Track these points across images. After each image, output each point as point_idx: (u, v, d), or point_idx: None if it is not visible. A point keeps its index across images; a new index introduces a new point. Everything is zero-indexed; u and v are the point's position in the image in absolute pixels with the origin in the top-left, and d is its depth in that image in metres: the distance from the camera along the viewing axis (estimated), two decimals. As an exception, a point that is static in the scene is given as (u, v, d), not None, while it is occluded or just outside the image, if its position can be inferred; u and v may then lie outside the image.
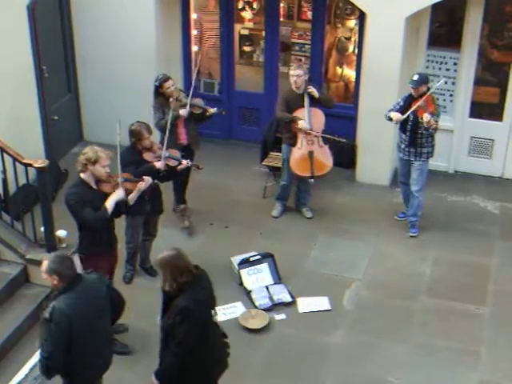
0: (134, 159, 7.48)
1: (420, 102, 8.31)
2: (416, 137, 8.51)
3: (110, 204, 6.57)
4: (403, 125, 8.57)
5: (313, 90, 8.68)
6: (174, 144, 8.47)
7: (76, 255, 6.80)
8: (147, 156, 7.66)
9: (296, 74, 8.64)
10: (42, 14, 9.49)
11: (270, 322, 7.61)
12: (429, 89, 8.52)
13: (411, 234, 8.91)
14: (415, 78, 8.47)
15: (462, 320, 7.69)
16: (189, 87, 10.84)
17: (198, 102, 8.73)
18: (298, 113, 8.71)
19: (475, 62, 9.67)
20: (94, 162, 6.50)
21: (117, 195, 6.63)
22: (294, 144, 8.85)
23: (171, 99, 8.44)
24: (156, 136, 8.50)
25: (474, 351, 7.28)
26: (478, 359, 7.20)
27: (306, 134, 8.73)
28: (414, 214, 8.86)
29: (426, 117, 8.20)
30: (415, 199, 8.79)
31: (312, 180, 8.93)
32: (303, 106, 8.69)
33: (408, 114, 8.38)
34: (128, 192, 6.80)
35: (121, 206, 6.74)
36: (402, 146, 8.67)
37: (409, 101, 8.52)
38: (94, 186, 6.63)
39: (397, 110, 8.52)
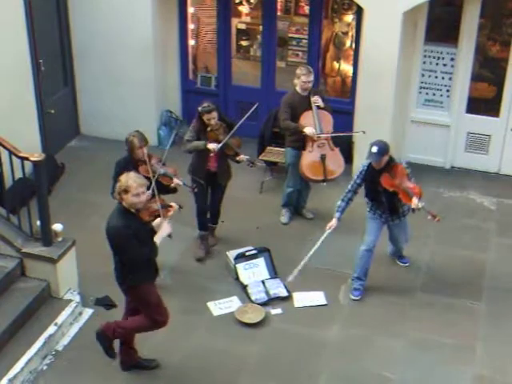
0: (128, 170, 6.81)
1: (400, 186, 7.29)
2: (396, 203, 7.56)
3: (157, 242, 6.30)
4: (374, 195, 7.58)
5: (318, 100, 8.49)
6: (201, 168, 8.16)
7: None
8: (141, 170, 7.25)
9: (309, 81, 8.43)
10: (39, 8, 9.46)
11: (265, 316, 7.61)
12: (392, 159, 7.43)
13: (406, 265, 8.43)
14: (374, 150, 7.27)
15: (457, 315, 7.70)
16: (185, 81, 10.92)
17: (235, 143, 8.19)
18: (305, 116, 8.48)
19: (472, 58, 9.67)
20: (125, 191, 6.06)
21: (164, 231, 6.35)
22: (302, 148, 8.60)
23: (209, 128, 8.03)
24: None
25: (469, 346, 7.30)
26: (473, 354, 7.21)
27: (317, 138, 8.52)
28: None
29: (416, 204, 7.23)
30: (403, 250, 8.33)
31: (324, 183, 8.80)
32: (309, 109, 8.49)
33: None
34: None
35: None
36: (379, 212, 7.70)
37: (372, 173, 7.45)
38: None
39: (356, 187, 7.60)
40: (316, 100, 8.50)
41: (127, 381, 6.88)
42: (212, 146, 7.97)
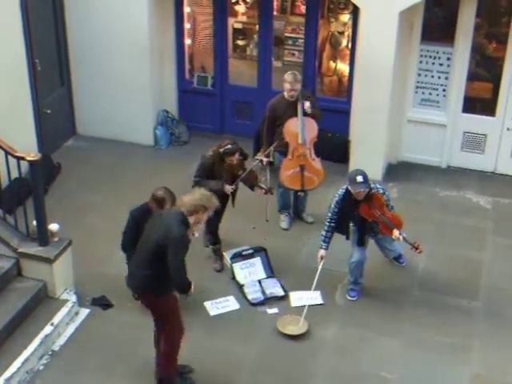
0: (144, 219, 6.67)
1: (380, 218, 7.30)
2: (372, 227, 7.62)
3: None
4: (345, 227, 7.65)
5: (307, 107, 8.35)
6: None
7: None
8: None
9: (294, 89, 8.29)
10: (35, 7, 9.44)
11: (309, 329, 7.47)
12: (370, 188, 7.34)
13: (403, 265, 8.43)
14: (360, 179, 7.18)
15: (454, 314, 7.71)
16: (182, 81, 10.90)
17: (253, 177, 8.06)
18: (290, 124, 8.38)
19: (468, 57, 9.67)
20: (205, 208, 6.15)
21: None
22: (285, 154, 8.54)
23: (226, 165, 7.79)
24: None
25: (466, 345, 7.31)
26: (471, 353, 7.22)
27: (298, 147, 8.41)
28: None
29: (397, 236, 7.33)
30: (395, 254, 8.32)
31: (302, 193, 8.76)
32: (295, 115, 8.37)
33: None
34: None
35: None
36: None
37: (348, 204, 7.42)
38: None
39: (336, 216, 7.53)
40: (305, 107, 8.38)
41: (124, 381, 6.87)
42: (228, 188, 7.86)
